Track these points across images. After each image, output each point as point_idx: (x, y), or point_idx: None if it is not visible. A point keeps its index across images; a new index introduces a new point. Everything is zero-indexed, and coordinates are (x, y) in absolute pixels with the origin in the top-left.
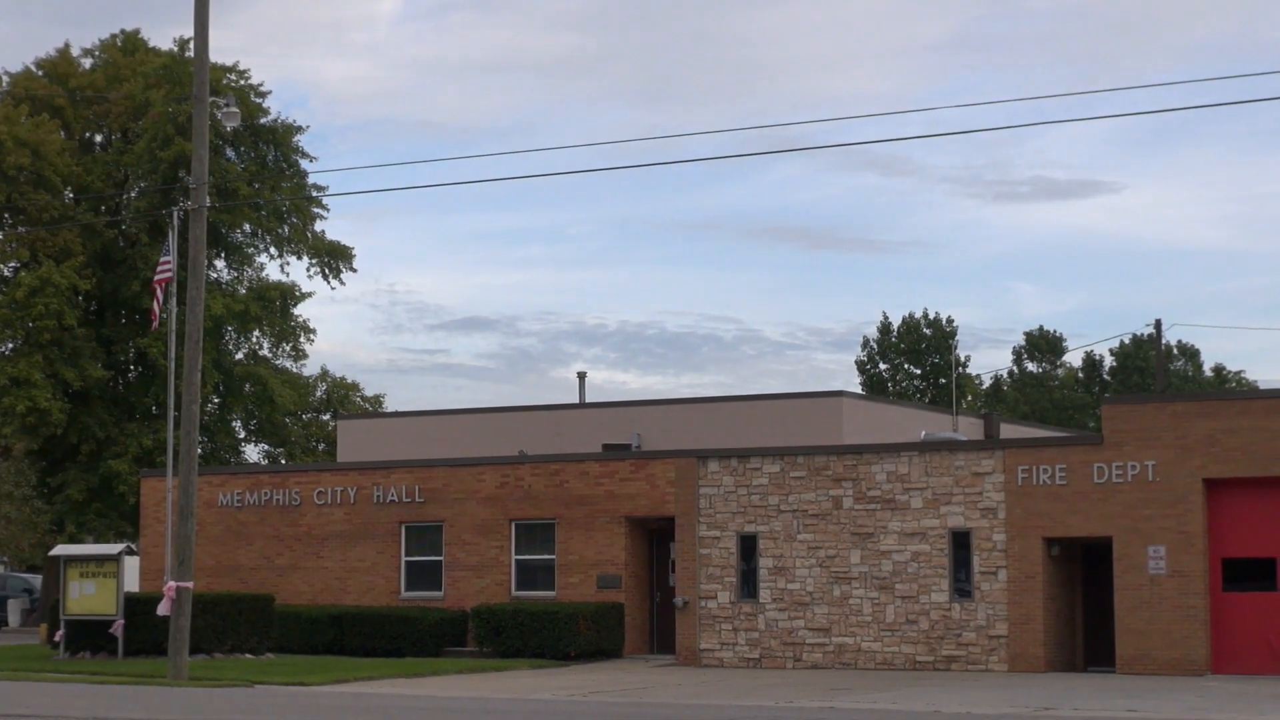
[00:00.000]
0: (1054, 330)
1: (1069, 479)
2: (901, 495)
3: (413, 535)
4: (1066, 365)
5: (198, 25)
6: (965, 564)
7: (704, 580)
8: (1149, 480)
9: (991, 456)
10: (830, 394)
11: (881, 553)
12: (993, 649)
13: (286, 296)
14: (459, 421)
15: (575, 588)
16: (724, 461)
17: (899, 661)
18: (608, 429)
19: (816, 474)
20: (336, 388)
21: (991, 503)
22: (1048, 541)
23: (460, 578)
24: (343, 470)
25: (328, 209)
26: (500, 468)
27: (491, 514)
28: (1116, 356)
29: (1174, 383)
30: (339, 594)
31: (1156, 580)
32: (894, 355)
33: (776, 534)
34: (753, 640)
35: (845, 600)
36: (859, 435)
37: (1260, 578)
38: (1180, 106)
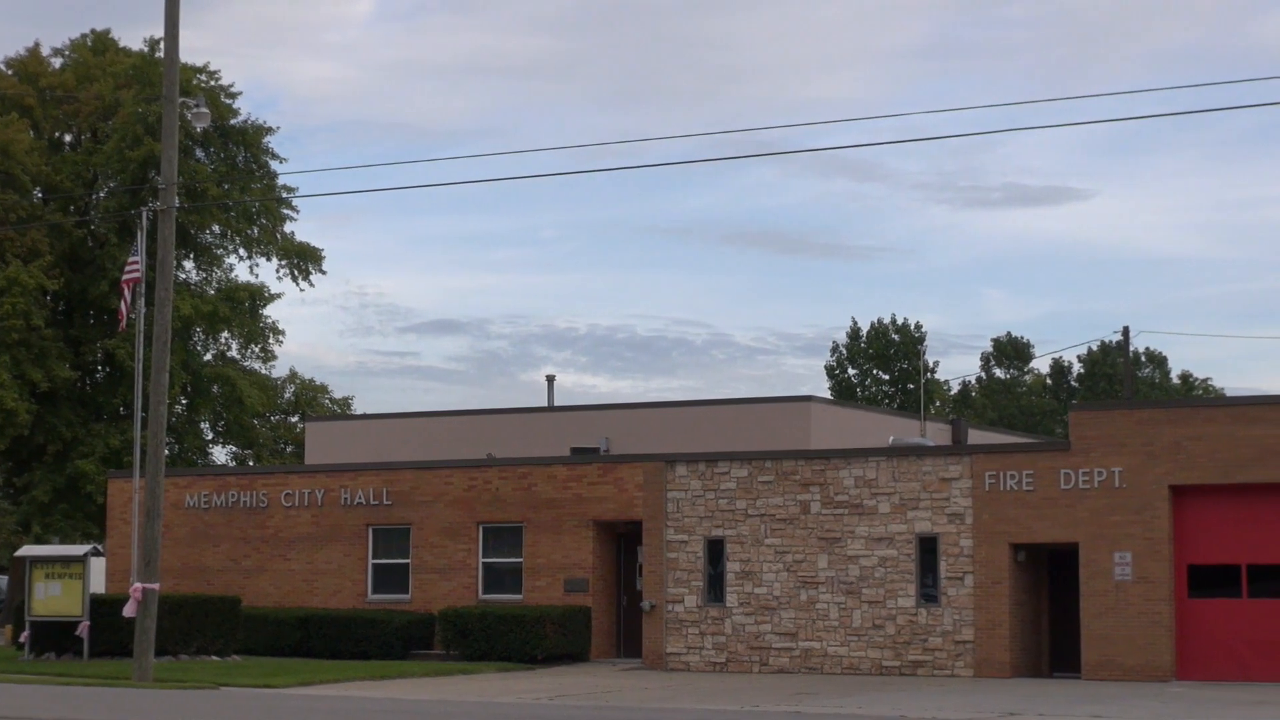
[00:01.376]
0: (1022, 337)
1: (1036, 485)
2: (869, 500)
3: (380, 538)
4: (1034, 372)
5: (168, 25)
6: (932, 569)
7: (671, 584)
8: (1115, 487)
9: (959, 462)
10: (798, 399)
11: (849, 557)
12: (959, 654)
13: (255, 298)
14: (427, 424)
15: (542, 591)
16: (692, 465)
17: (865, 666)
18: (576, 432)
19: (784, 479)
20: (305, 389)
21: (959, 508)
22: (1014, 547)
23: (427, 580)
24: (310, 472)
25: (297, 210)
26: (468, 471)
27: (459, 517)
28: (1084, 363)
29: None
30: (306, 596)
31: (1122, 586)
32: (863, 361)
33: (744, 538)
34: (719, 644)
35: (812, 605)
36: (827, 440)
37: (1226, 584)
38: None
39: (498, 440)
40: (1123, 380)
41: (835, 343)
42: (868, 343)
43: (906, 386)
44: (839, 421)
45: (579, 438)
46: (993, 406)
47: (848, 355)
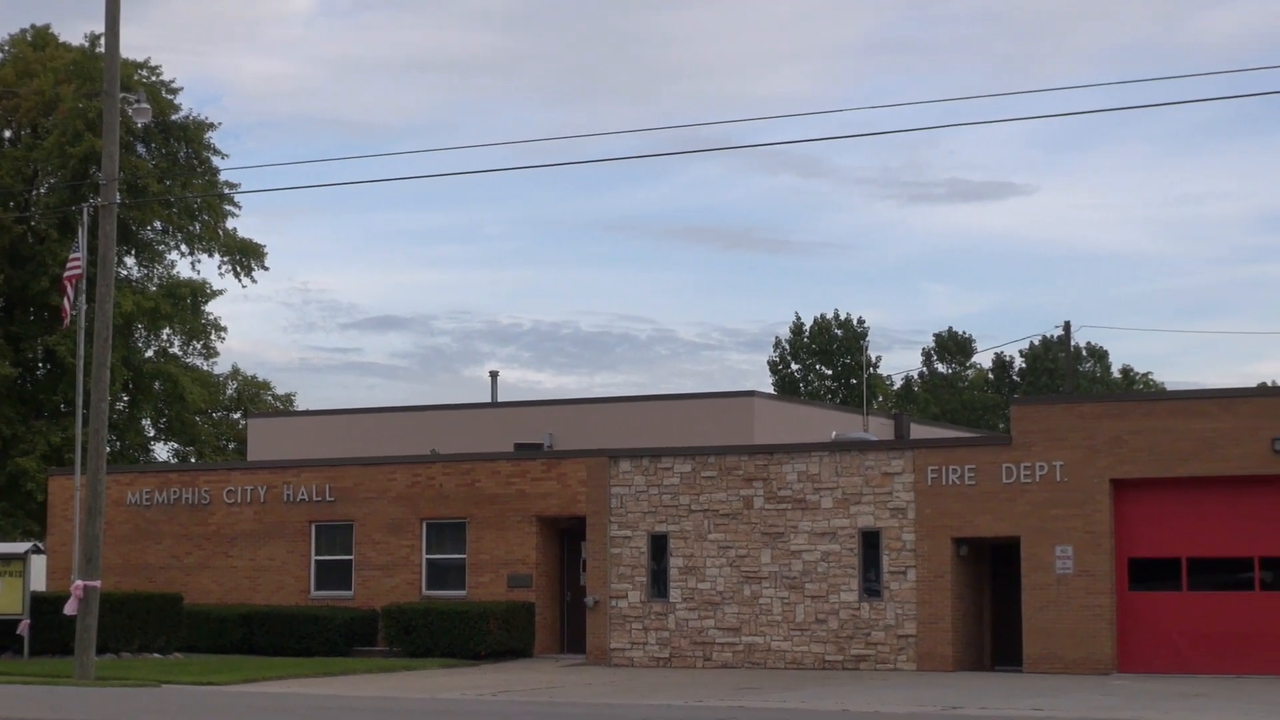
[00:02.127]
0: (964, 331)
1: (978, 479)
2: (812, 495)
3: (323, 534)
4: (976, 366)
5: (109, 21)
6: (875, 563)
7: (615, 579)
8: (1057, 480)
9: (901, 457)
10: (742, 394)
11: (792, 552)
12: (901, 648)
13: (197, 294)
14: (370, 420)
15: (486, 587)
16: (635, 461)
17: (808, 661)
18: (520, 428)
19: (727, 474)
20: (247, 386)
21: (901, 503)
22: (956, 541)
23: (370, 577)
24: (253, 469)
25: (239, 206)
26: (411, 467)
27: (402, 513)
28: (1026, 358)
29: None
30: (248, 593)
31: (1063, 580)
32: (806, 356)
33: (687, 533)
34: (663, 639)
35: (755, 600)
36: (770, 435)
37: (1166, 577)
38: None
39: (441, 436)
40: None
41: (778, 338)
42: (811, 338)
43: (849, 381)
44: (782, 417)
45: (523, 433)
46: (935, 401)
47: (791, 351)
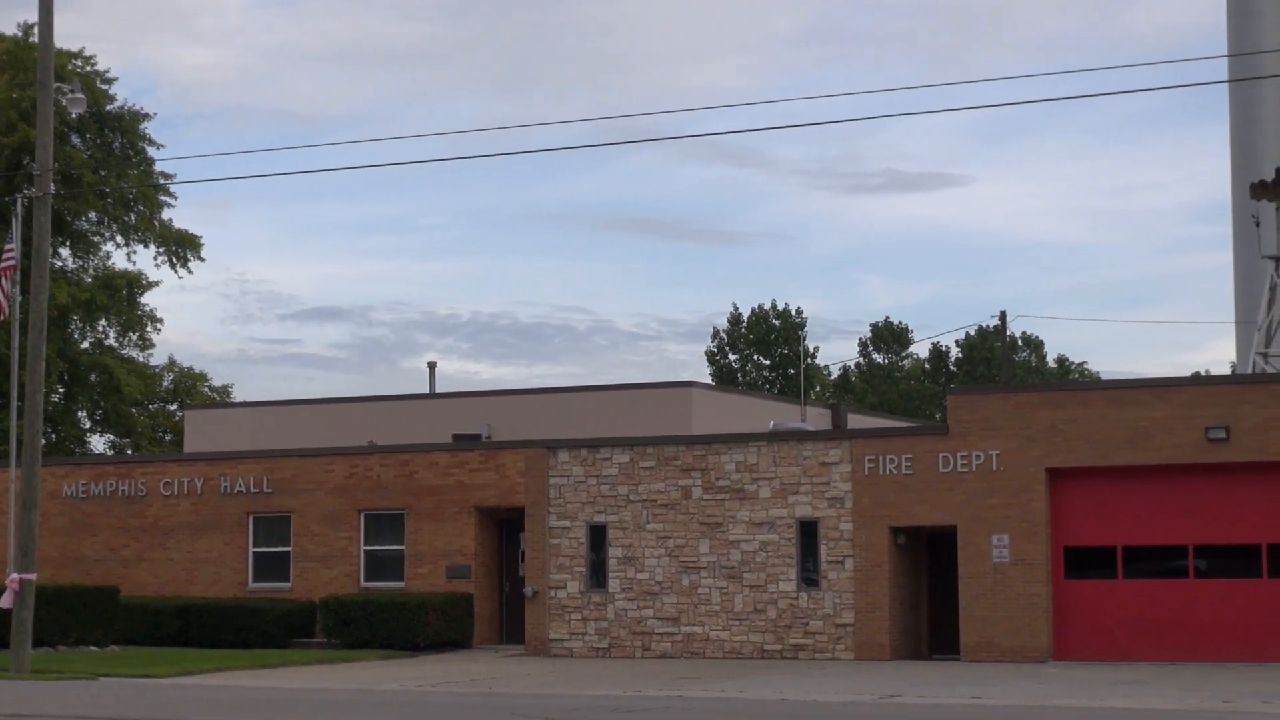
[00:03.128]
0: (900, 322)
1: (915, 469)
2: (750, 485)
3: (260, 526)
4: (913, 356)
5: (42, 11)
6: (813, 553)
7: (553, 570)
8: (993, 470)
9: (839, 446)
10: (680, 385)
11: (730, 542)
12: (839, 637)
13: (133, 285)
14: (308, 412)
15: (424, 578)
16: (574, 452)
17: (747, 650)
18: (458, 419)
19: (666, 464)
20: (184, 378)
21: (839, 492)
22: (894, 531)
23: (309, 568)
24: (190, 461)
25: (175, 197)
26: (349, 458)
27: (340, 504)
28: (962, 348)
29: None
30: (186, 585)
31: (1000, 568)
32: (744, 346)
33: (626, 524)
34: (602, 630)
35: (694, 590)
36: (708, 425)
37: (1101, 565)
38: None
39: (379, 427)
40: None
41: (716, 329)
42: (749, 328)
43: (787, 372)
44: (720, 407)
45: (461, 424)
46: (872, 391)
47: (729, 341)
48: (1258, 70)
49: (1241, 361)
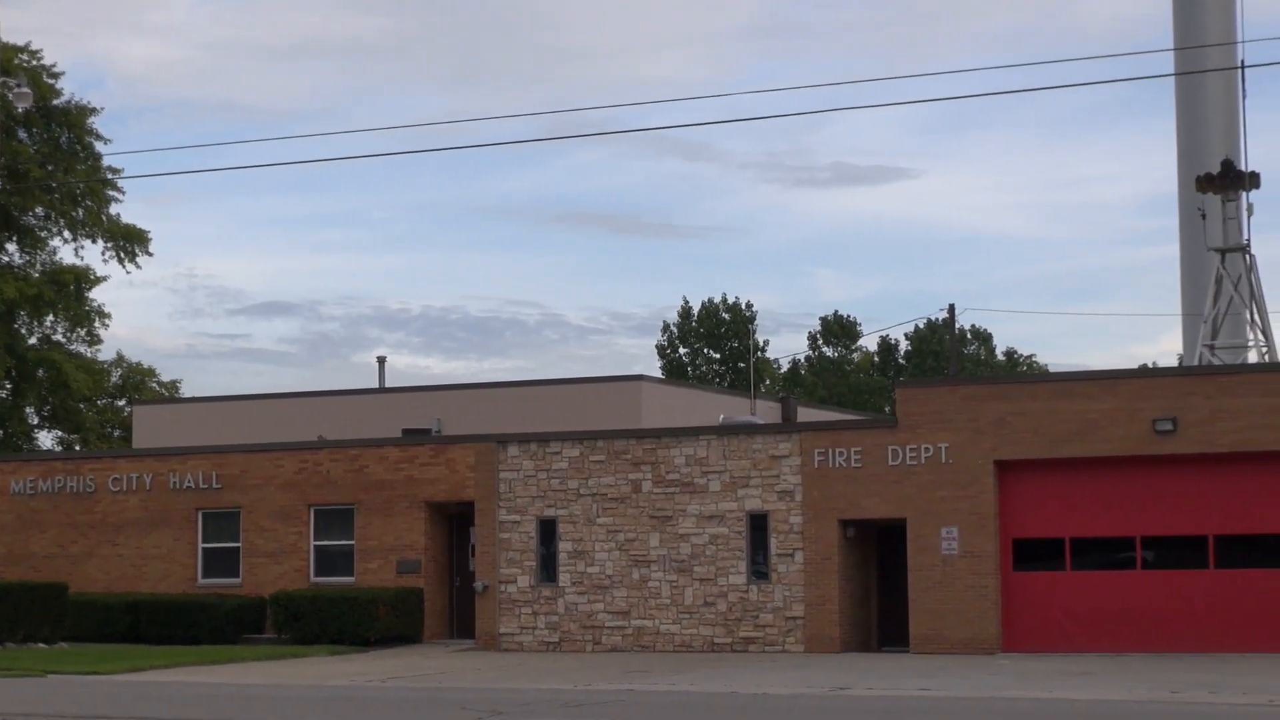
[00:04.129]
0: (849, 315)
1: (864, 461)
2: (700, 479)
3: (210, 522)
4: (862, 349)
5: None
6: (763, 546)
7: (503, 564)
8: (942, 462)
9: (788, 440)
10: (630, 378)
11: (680, 536)
12: (789, 630)
13: (81, 280)
14: (257, 407)
15: (374, 573)
16: (524, 446)
17: (697, 644)
18: (408, 414)
19: (616, 458)
20: (133, 373)
21: (788, 485)
22: (843, 523)
23: (258, 564)
24: (138, 456)
25: (123, 192)
26: (299, 453)
27: (290, 500)
28: (911, 341)
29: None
30: (135, 582)
31: (949, 561)
32: (694, 340)
33: (576, 518)
34: (552, 624)
35: (644, 583)
36: (658, 419)
37: (1049, 557)
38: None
39: (329, 422)
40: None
41: (666, 322)
42: (699, 322)
43: (737, 365)
44: (670, 400)
45: (411, 419)
46: (822, 384)
47: (679, 334)
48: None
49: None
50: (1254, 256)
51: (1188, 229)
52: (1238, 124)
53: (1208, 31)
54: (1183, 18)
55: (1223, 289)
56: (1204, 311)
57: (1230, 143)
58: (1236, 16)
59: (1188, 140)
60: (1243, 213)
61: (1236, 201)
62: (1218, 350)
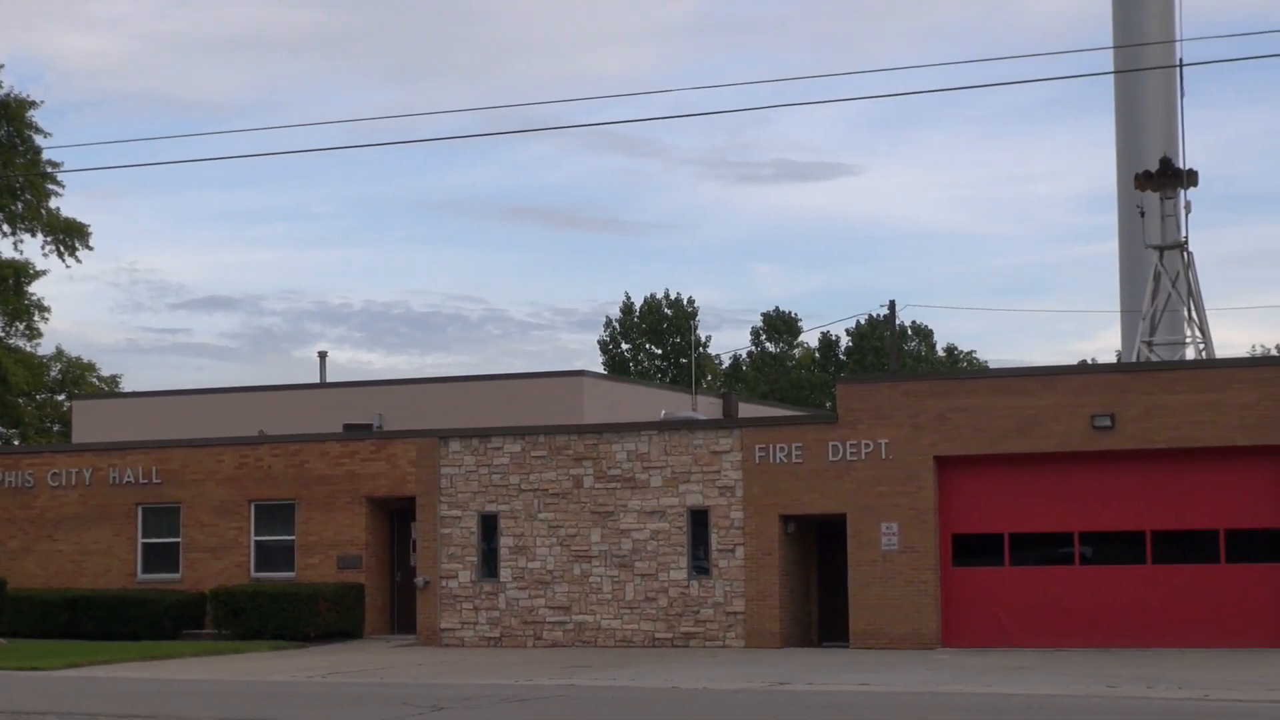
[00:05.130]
0: (790, 311)
1: (805, 457)
2: (641, 474)
3: (150, 517)
4: (803, 345)
5: None
6: (704, 542)
7: (445, 560)
8: (882, 458)
9: (729, 435)
10: (571, 374)
11: (621, 531)
12: (730, 625)
13: (20, 274)
14: (198, 402)
15: (315, 568)
16: (465, 441)
17: (638, 639)
18: (350, 409)
19: (557, 453)
20: (72, 368)
21: (729, 481)
22: (784, 519)
23: (198, 559)
24: (77, 451)
25: (63, 185)
26: (239, 448)
27: (230, 495)
28: (852, 336)
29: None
30: (74, 577)
31: (889, 556)
32: (636, 335)
33: (517, 513)
34: (493, 619)
35: (585, 579)
36: (600, 415)
37: (989, 553)
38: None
39: (270, 417)
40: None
41: (609, 318)
42: (641, 318)
43: (679, 361)
44: (612, 396)
45: (352, 414)
46: (763, 380)
47: (621, 330)
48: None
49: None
50: (1192, 254)
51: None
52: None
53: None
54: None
55: (1161, 286)
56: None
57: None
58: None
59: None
60: (1181, 210)
61: (1175, 199)
62: (1156, 347)
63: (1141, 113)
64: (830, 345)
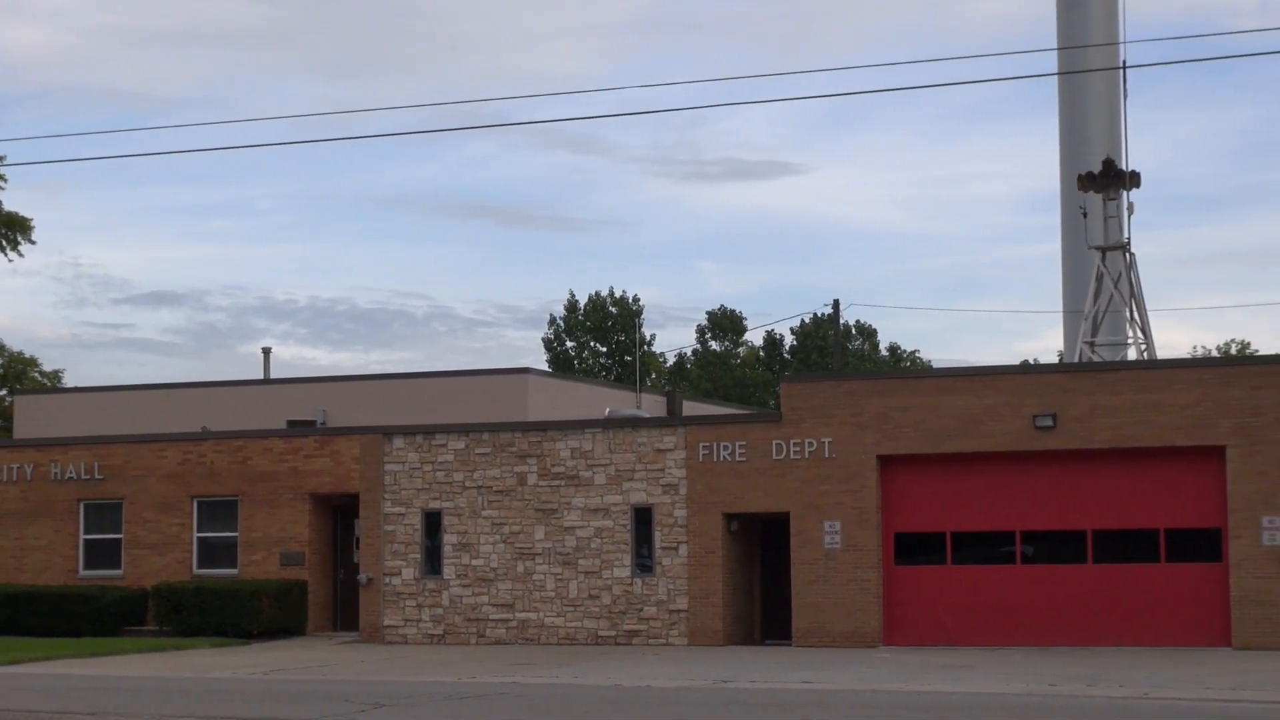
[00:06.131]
0: (736, 309)
1: (748, 456)
2: (585, 472)
3: (92, 513)
4: (748, 344)
5: None
6: (647, 539)
7: (388, 557)
8: (825, 457)
9: (673, 433)
10: (516, 371)
11: (565, 529)
12: (673, 623)
13: None
14: (141, 397)
15: (258, 565)
16: (409, 438)
17: (582, 636)
18: (294, 405)
19: (501, 450)
20: (14, 363)
21: (673, 479)
22: (728, 517)
23: (141, 556)
24: (18, 447)
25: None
26: (182, 444)
27: (173, 491)
28: (797, 335)
29: (851, 362)
30: (14, 573)
31: (832, 555)
32: (580, 333)
33: (461, 510)
34: (437, 617)
35: (529, 576)
36: (544, 412)
37: (931, 552)
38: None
39: (214, 414)
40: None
41: (553, 315)
42: (586, 315)
43: (623, 359)
44: (556, 394)
45: (296, 410)
46: (707, 378)
47: (565, 328)
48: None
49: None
50: (1134, 255)
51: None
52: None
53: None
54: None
55: (1103, 286)
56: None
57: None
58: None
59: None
60: (1123, 211)
61: (1117, 200)
62: (1098, 347)
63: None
64: (775, 344)
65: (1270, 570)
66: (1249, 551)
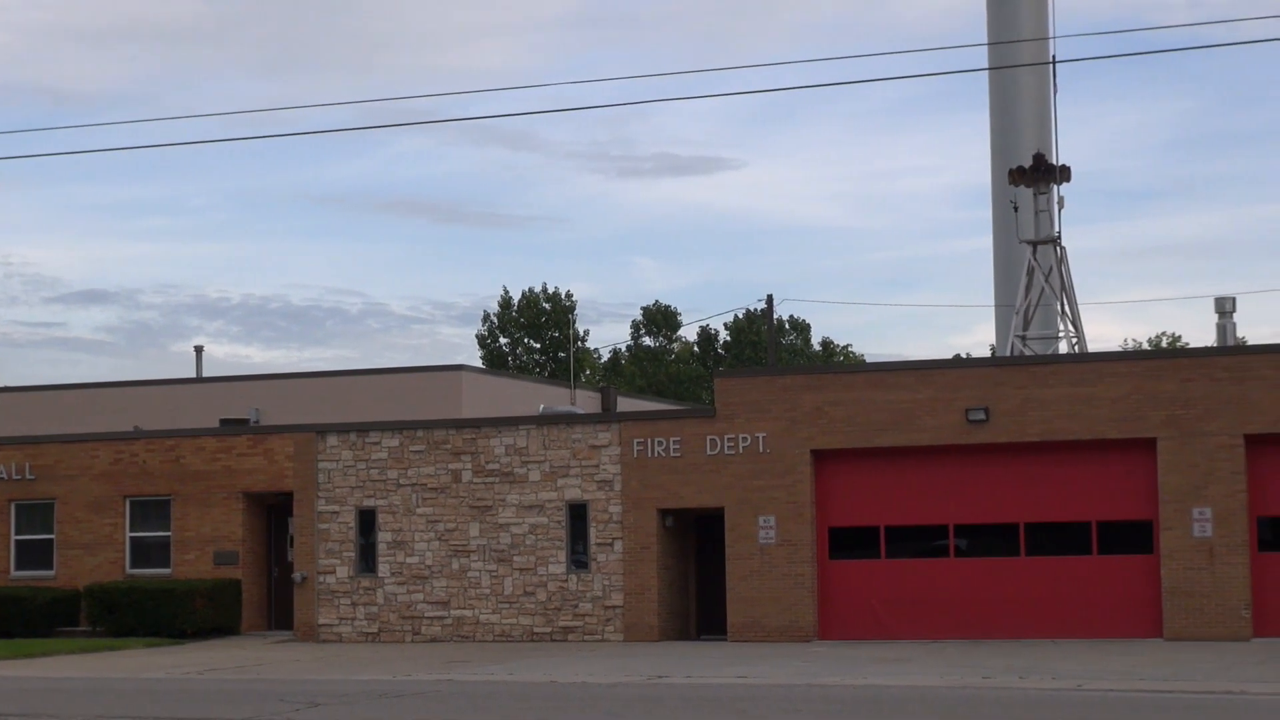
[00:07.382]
0: (671, 305)
1: (683, 451)
2: (520, 468)
3: (22, 513)
4: (682, 340)
5: None
6: (582, 536)
7: (322, 555)
8: (760, 452)
9: (608, 430)
10: (450, 368)
11: (500, 525)
12: (609, 619)
13: None
14: (72, 397)
15: (192, 564)
16: (343, 436)
17: (517, 633)
18: (227, 404)
19: (436, 448)
20: None
21: (608, 475)
22: (662, 513)
23: (72, 556)
24: None
25: None
26: (114, 444)
27: (105, 491)
28: (730, 330)
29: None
30: None
31: (766, 549)
32: (514, 330)
33: (396, 508)
34: (371, 615)
35: (464, 573)
36: (478, 409)
37: (865, 546)
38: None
39: (146, 412)
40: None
41: (487, 312)
42: (519, 312)
43: (557, 355)
44: (490, 390)
45: (229, 409)
46: (642, 374)
47: (499, 324)
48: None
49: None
50: (1065, 249)
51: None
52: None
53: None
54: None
55: (1034, 280)
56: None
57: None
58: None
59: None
60: (1054, 205)
61: (1048, 194)
62: (1029, 341)
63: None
64: (709, 339)
65: (1200, 561)
66: (1180, 543)
